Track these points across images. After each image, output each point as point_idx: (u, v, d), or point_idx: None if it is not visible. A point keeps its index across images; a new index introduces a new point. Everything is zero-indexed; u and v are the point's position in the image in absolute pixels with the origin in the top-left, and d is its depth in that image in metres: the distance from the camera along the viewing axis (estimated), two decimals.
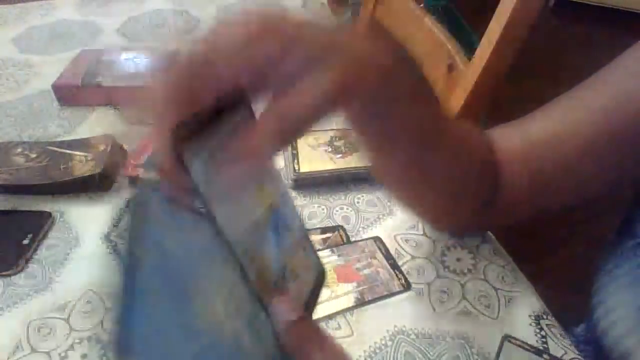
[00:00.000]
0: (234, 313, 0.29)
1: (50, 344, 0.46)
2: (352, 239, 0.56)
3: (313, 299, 0.31)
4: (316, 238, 0.55)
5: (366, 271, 0.52)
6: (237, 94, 0.26)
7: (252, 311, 0.28)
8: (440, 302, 0.49)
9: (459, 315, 0.48)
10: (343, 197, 0.61)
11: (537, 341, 0.46)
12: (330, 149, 0.64)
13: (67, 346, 0.46)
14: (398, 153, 0.39)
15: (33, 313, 0.49)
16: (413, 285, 0.51)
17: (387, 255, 0.53)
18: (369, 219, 0.59)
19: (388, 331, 0.46)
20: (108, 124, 0.74)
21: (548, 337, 0.46)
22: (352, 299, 0.49)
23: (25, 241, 0.55)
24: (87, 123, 0.74)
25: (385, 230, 0.57)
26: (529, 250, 1.54)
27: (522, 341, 0.45)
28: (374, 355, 0.45)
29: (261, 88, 0.26)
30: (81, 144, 0.65)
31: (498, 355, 0.44)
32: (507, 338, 0.45)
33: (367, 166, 0.62)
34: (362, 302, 0.49)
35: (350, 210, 0.60)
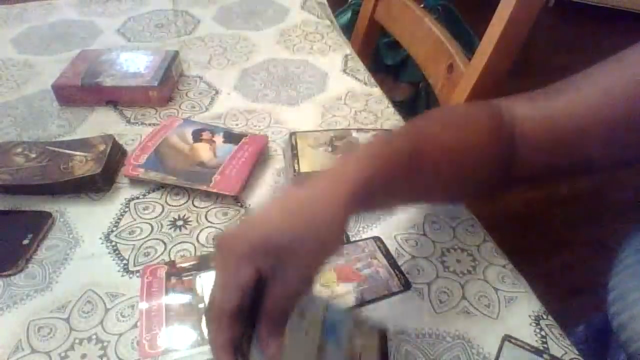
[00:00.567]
0: None
1: (50, 344, 0.46)
2: (352, 239, 0.56)
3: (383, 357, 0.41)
4: None
5: (366, 271, 0.52)
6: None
7: None
8: (440, 302, 0.49)
9: (459, 315, 0.48)
10: None
11: (537, 341, 0.46)
12: (330, 149, 0.64)
13: (67, 346, 0.46)
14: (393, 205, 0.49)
15: (33, 313, 0.49)
16: (413, 285, 0.51)
17: (387, 255, 0.53)
18: (369, 219, 0.59)
19: (388, 330, 0.46)
20: (108, 124, 0.74)
21: (548, 337, 0.46)
22: (352, 299, 0.49)
23: (25, 241, 0.55)
24: (87, 123, 0.74)
25: (385, 230, 0.57)
26: (529, 251, 1.54)
27: (522, 341, 0.45)
28: None
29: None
30: (81, 144, 0.65)
31: (498, 355, 0.44)
32: (507, 338, 0.45)
33: None
34: (362, 302, 0.49)
35: None
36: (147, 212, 0.59)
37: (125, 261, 0.53)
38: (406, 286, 0.50)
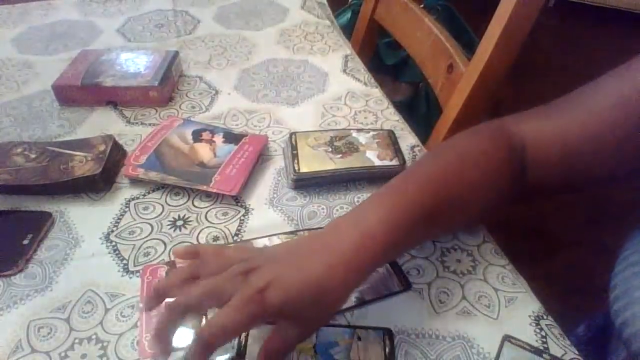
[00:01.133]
0: None
1: (50, 344, 0.46)
2: None
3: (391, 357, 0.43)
4: None
5: None
6: None
7: None
8: (440, 302, 0.49)
9: (459, 315, 0.48)
10: (343, 197, 0.61)
11: (537, 341, 0.46)
12: (330, 149, 0.64)
13: (67, 346, 0.46)
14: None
15: (33, 313, 0.49)
16: (413, 285, 0.51)
17: None
18: None
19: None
20: (108, 124, 0.74)
21: (548, 337, 0.46)
22: (352, 299, 0.49)
23: (25, 241, 0.55)
24: (87, 123, 0.74)
25: None
26: (529, 251, 1.55)
27: (522, 341, 0.45)
28: None
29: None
30: (81, 144, 0.65)
31: (498, 355, 0.44)
32: (507, 338, 0.45)
33: (367, 166, 0.62)
34: (362, 302, 0.49)
35: (350, 210, 0.60)
36: (147, 212, 0.59)
37: (125, 261, 0.53)
38: (406, 286, 0.50)
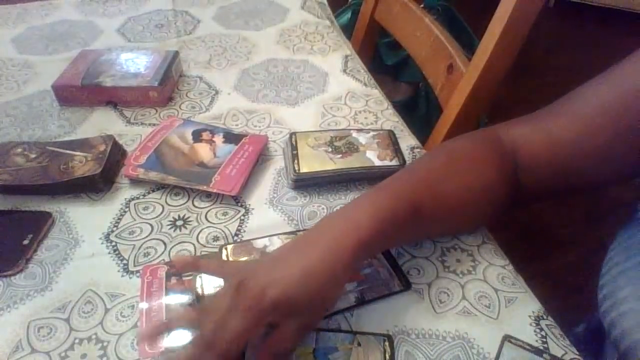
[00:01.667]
0: None
1: (50, 344, 0.46)
2: None
3: None
4: None
5: (366, 271, 0.52)
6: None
7: None
8: (440, 302, 0.49)
9: (459, 315, 0.48)
10: (343, 197, 0.61)
11: (537, 341, 0.46)
12: (330, 149, 0.64)
13: (67, 346, 0.46)
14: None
15: (33, 313, 0.49)
16: (413, 285, 0.51)
17: (387, 255, 0.53)
18: None
19: (388, 331, 0.46)
20: (108, 124, 0.74)
21: (548, 337, 0.46)
22: (352, 299, 0.49)
23: (25, 241, 0.55)
24: (87, 123, 0.74)
25: None
26: (529, 251, 1.55)
27: (522, 341, 0.45)
28: None
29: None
30: (81, 144, 0.65)
31: (498, 356, 0.44)
32: (507, 338, 0.45)
33: (367, 166, 0.62)
34: (362, 302, 0.49)
35: None
36: (147, 212, 0.59)
37: (125, 261, 0.53)
38: (406, 286, 0.50)
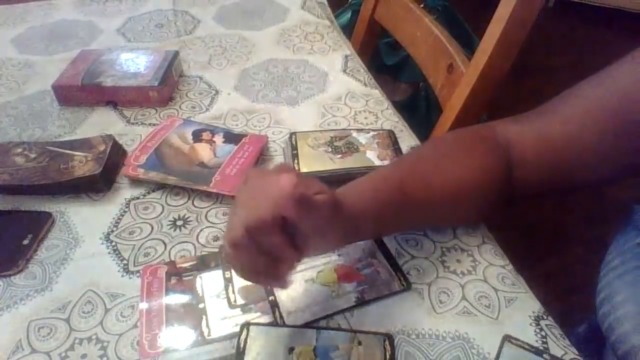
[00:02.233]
0: None
1: (50, 344, 0.46)
2: None
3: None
4: None
5: (366, 271, 0.52)
6: None
7: None
8: (440, 302, 0.49)
9: (459, 315, 0.48)
10: None
11: (537, 341, 0.46)
12: (330, 149, 0.64)
13: (67, 346, 0.46)
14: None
15: (33, 313, 0.49)
16: (413, 285, 0.51)
17: (387, 255, 0.53)
18: None
19: (388, 331, 0.46)
20: (108, 124, 0.74)
21: (548, 337, 0.46)
22: (352, 299, 0.49)
23: (25, 241, 0.55)
24: (87, 123, 0.74)
25: None
26: (529, 251, 1.55)
27: (522, 341, 0.45)
28: None
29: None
30: (81, 144, 0.65)
31: (498, 356, 0.44)
32: (507, 338, 0.45)
33: (367, 166, 0.62)
34: (363, 302, 0.49)
35: None
36: (147, 212, 0.59)
37: (125, 261, 0.53)
38: (406, 286, 0.50)
